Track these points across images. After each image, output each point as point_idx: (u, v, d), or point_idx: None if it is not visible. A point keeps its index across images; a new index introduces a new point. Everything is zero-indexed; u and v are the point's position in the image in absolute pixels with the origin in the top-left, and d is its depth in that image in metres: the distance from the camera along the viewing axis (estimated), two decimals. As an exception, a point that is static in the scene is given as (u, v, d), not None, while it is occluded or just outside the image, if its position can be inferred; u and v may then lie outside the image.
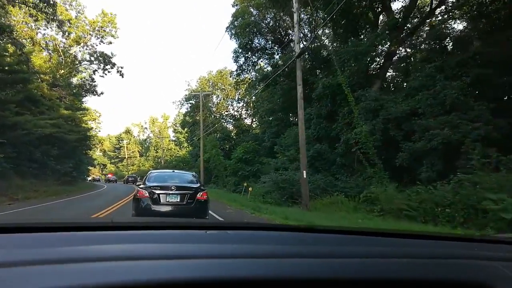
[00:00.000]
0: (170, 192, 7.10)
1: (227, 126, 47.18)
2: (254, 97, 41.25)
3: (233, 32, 31.82)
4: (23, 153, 20.93)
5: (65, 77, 28.45)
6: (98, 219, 5.70)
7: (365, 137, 12.22)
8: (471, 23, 13.17)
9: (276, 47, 32.60)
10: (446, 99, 12.15)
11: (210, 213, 10.91)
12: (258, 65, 34.07)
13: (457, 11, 15.91)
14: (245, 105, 47.99)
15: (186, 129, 54.31)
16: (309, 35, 30.85)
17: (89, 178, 46.49)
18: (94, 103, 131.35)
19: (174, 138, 75.90)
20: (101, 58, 29.97)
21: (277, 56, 32.28)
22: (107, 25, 29.28)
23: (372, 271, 0.89)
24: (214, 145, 34.32)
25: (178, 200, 7.09)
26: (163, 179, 7.97)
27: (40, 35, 27.75)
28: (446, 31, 15.17)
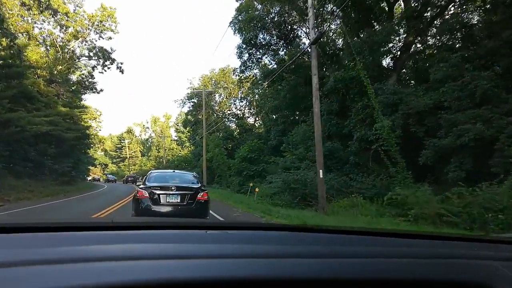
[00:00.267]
0: (170, 192, 6.93)
1: (230, 125, 46.46)
2: (258, 95, 40.52)
3: (237, 27, 30.91)
4: (17, 152, 19.91)
5: (63, 73, 27.41)
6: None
7: (387, 133, 11.08)
8: (501, 7, 12.01)
9: (281, 43, 31.75)
10: (476, 90, 10.99)
11: (216, 216, 10.00)
12: (262, 61, 33.22)
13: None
14: (248, 103, 47.25)
15: (188, 128, 53.72)
16: (315, 31, 29.93)
17: (89, 178, 45.92)
18: (95, 102, 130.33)
19: (176, 137, 75.67)
20: (100, 53, 28.89)
21: (282, 52, 31.50)
22: (107, 20, 28.20)
23: (372, 271, 0.88)
24: (217, 144, 33.28)
25: (178, 200, 6.94)
26: (163, 179, 7.80)
27: (37, 30, 26.76)
28: (470, 19, 14.00)
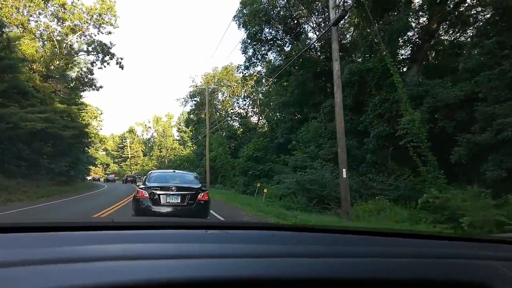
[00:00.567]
0: (170, 192, 6.86)
1: (233, 124, 45.33)
2: (262, 93, 39.30)
3: (241, 21, 29.68)
4: (9, 150, 18.76)
5: (61, 69, 26.25)
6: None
7: (418, 127, 9.82)
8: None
9: (287, 38, 30.52)
10: (517, 79, 9.71)
11: (221, 220, 9.03)
12: (267, 57, 32.00)
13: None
14: (251, 102, 46.10)
15: (190, 127, 52.61)
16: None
17: (88, 177, 44.93)
18: (96, 100, 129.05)
19: (178, 137, 74.77)
20: (99, 47, 27.69)
21: (287, 48, 30.30)
22: (106, 13, 27.01)
23: (372, 271, 0.88)
24: (220, 143, 32.04)
25: (178, 201, 6.87)
26: (164, 179, 7.65)
27: (33, 23, 25.61)
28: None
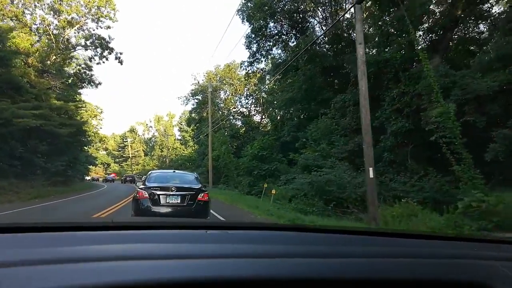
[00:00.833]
0: (170, 193, 6.81)
1: (236, 123, 44.29)
2: (265, 91, 38.23)
3: (245, 15, 28.56)
4: (0, 148, 17.69)
5: (57, 64, 25.17)
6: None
7: (452, 120, 8.68)
8: None
9: (293, 33, 29.39)
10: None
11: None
12: (272, 53, 30.90)
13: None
14: (254, 100, 45.03)
15: (192, 126, 51.63)
16: (330, 21, 27.52)
17: (87, 177, 43.94)
18: (96, 99, 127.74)
19: (179, 137, 73.96)
20: (97, 42, 26.60)
21: (293, 44, 29.22)
22: (105, 6, 25.97)
23: (372, 271, 0.87)
24: (223, 142, 30.94)
25: (178, 201, 6.83)
26: (164, 179, 7.53)
27: (28, 17, 24.56)
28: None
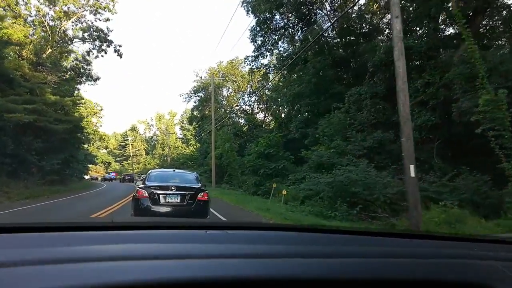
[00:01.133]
0: (170, 192, 6.81)
1: (239, 120, 43.10)
2: (269, 88, 37.01)
3: (250, 6, 27.28)
4: (-11, 145, 16.55)
5: (53, 58, 23.98)
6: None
7: (503, 110, 7.44)
8: None
9: (299, 25, 28.12)
10: None
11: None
12: (277, 47, 29.63)
13: None
14: (258, 98, 43.82)
15: (194, 125, 50.38)
16: (338, 12, 26.28)
17: (86, 176, 42.75)
18: (96, 98, 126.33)
19: (181, 135, 72.96)
20: (96, 34, 25.40)
21: (297, 38, 28.02)
22: (103, -4, 24.79)
23: (372, 271, 0.87)
24: (227, 139, 29.58)
25: (178, 200, 6.82)
26: (163, 179, 7.48)
27: (23, 7, 23.34)
28: None
